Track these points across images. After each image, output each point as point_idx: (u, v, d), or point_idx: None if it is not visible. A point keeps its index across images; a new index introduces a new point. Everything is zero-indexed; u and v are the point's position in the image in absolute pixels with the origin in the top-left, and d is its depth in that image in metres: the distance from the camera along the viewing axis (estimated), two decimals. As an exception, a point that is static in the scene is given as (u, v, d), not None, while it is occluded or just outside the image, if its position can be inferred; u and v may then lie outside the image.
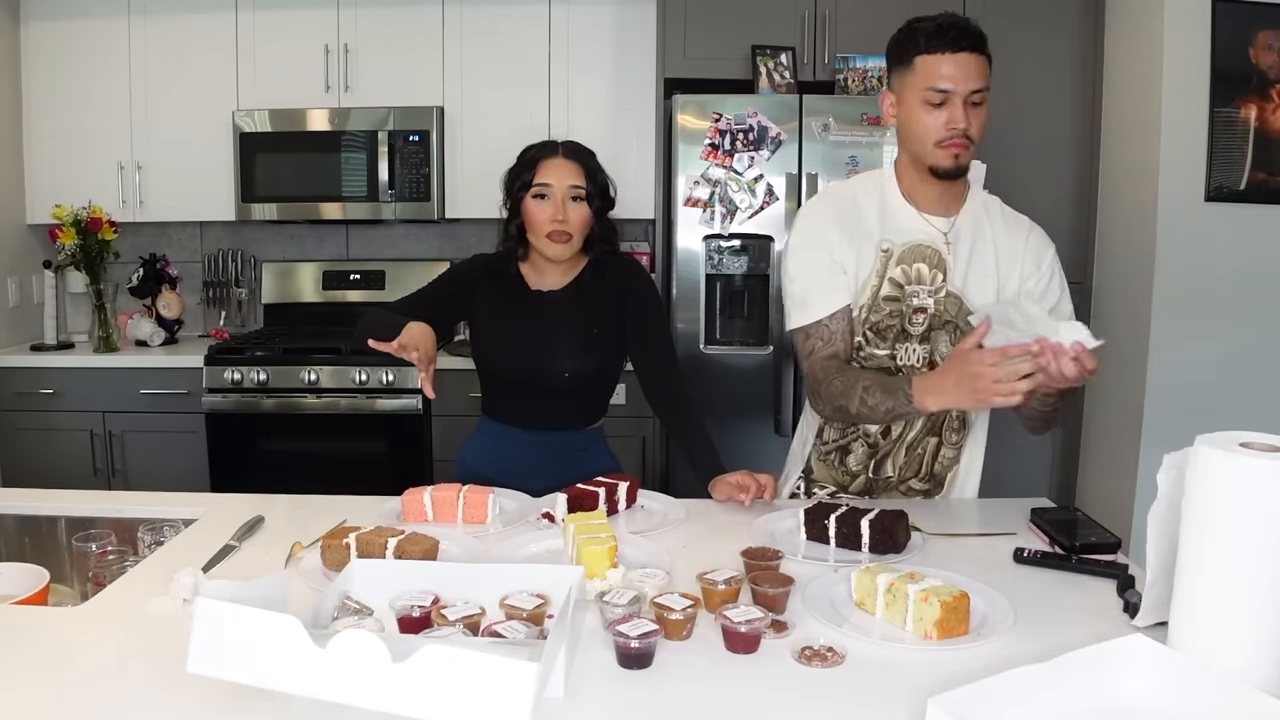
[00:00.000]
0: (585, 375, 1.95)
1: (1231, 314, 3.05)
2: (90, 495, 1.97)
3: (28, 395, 3.41)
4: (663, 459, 3.34)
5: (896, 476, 1.81)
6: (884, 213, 1.72)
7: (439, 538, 1.48)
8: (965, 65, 1.58)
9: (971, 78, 1.59)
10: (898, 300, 1.71)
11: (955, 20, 1.60)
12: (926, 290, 1.70)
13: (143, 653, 1.17)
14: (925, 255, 1.70)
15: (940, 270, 1.70)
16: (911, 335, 1.71)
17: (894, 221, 1.71)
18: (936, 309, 1.70)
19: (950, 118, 1.60)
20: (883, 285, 1.70)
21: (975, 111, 1.61)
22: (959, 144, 1.61)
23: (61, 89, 3.64)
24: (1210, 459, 1.04)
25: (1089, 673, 1.02)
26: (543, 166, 1.90)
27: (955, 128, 1.60)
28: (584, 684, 1.09)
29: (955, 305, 1.71)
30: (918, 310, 1.70)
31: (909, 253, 1.70)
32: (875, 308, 1.71)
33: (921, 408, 1.56)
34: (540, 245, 1.91)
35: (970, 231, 1.72)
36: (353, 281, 3.87)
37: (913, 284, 1.70)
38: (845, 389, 1.64)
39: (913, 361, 1.72)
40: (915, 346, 1.72)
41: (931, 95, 1.60)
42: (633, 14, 3.52)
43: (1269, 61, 2.97)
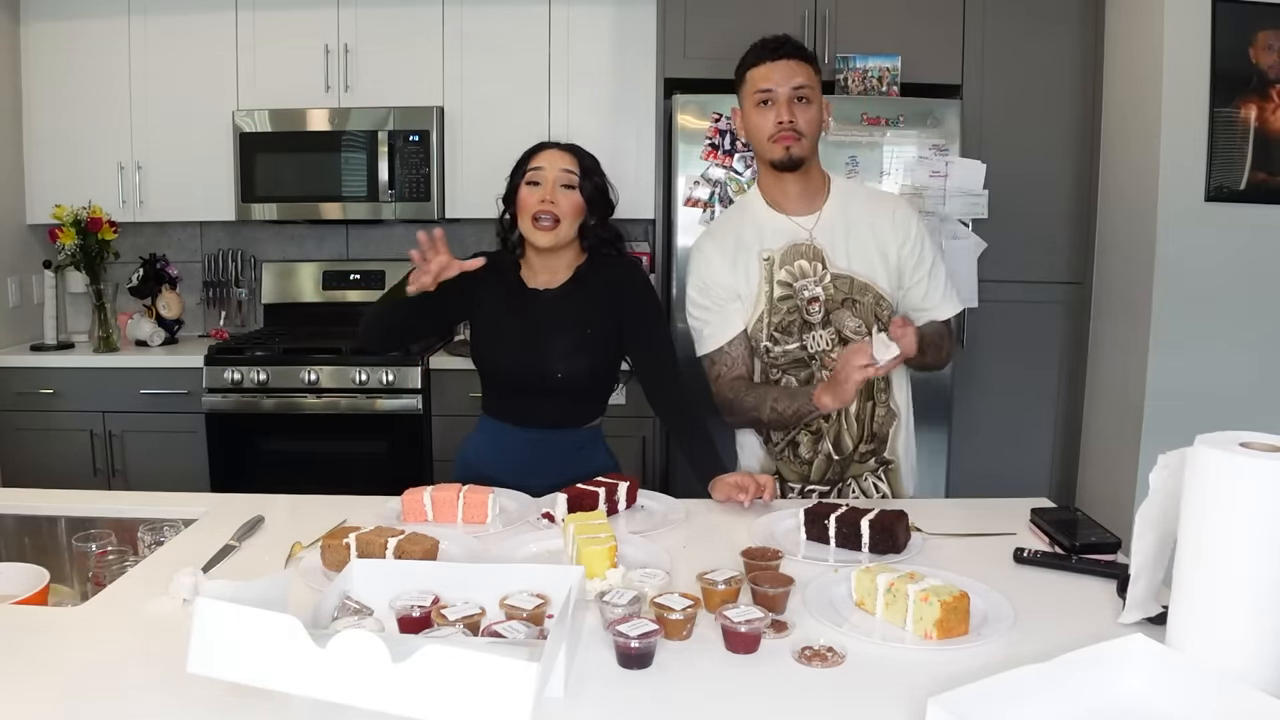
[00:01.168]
0: (579, 375, 1.95)
1: (1231, 314, 3.05)
2: (90, 495, 1.97)
3: (28, 395, 3.41)
4: (663, 459, 3.34)
5: (855, 451, 1.93)
6: (757, 226, 1.92)
7: (439, 538, 1.48)
8: (786, 69, 1.84)
9: (792, 78, 1.84)
10: (790, 297, 1.89)
11: (777, 36, 1.89)
12: (812, 281, 1.88)
13: (143, 653, 1.17)
14: (802, 252, 1.89)
15: (819, 260, 1.89)
16: (813, 324, 1.89)
17: (767, 230, 1.91)
18: (827, 294, 1.88)
19: (776, 114, 1.83)
20: (774, 289, 1.89)
21: (801, 108, 1.84)
22: (788, 136, 1.83)
23: (61, 89, 3.64)
24: (1209, 459, 1.04)
25: (1089, 673, 1.02)
26: (538, 156, 1.93)
27: (781, 121, 1.83)
28: (584, 684, 1.09)
29: (847, 284, 1.89)
30: (811, 300, 1.89)
31: (788, 254, 1.89)
32: (774, 309, 1.89)
33: (820, 405, 1.77)
34: (528, 232, 1.91)
35: (841, 217, 1.91)
36: (353, 281, 3.87)
37: (799, 280, 1.89)
38: (757, 403, 1.87)
39: (823, 346, 1.90)
40: (820, 332, 1.89)
41: (758, 97, 1.85)
42: (633, 14, 3.52)
43: (1269, 61, 2.97)
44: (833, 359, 1.85)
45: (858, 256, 1.89)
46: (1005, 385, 3.41)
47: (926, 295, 1.94)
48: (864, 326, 1.88)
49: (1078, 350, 3.45)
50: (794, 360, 1.90)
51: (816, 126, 1.87)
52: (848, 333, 1.88)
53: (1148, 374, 3.05)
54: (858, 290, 1.89)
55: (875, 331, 1.80)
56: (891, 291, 1.90)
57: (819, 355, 1.89)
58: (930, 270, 1.94)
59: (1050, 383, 3.46)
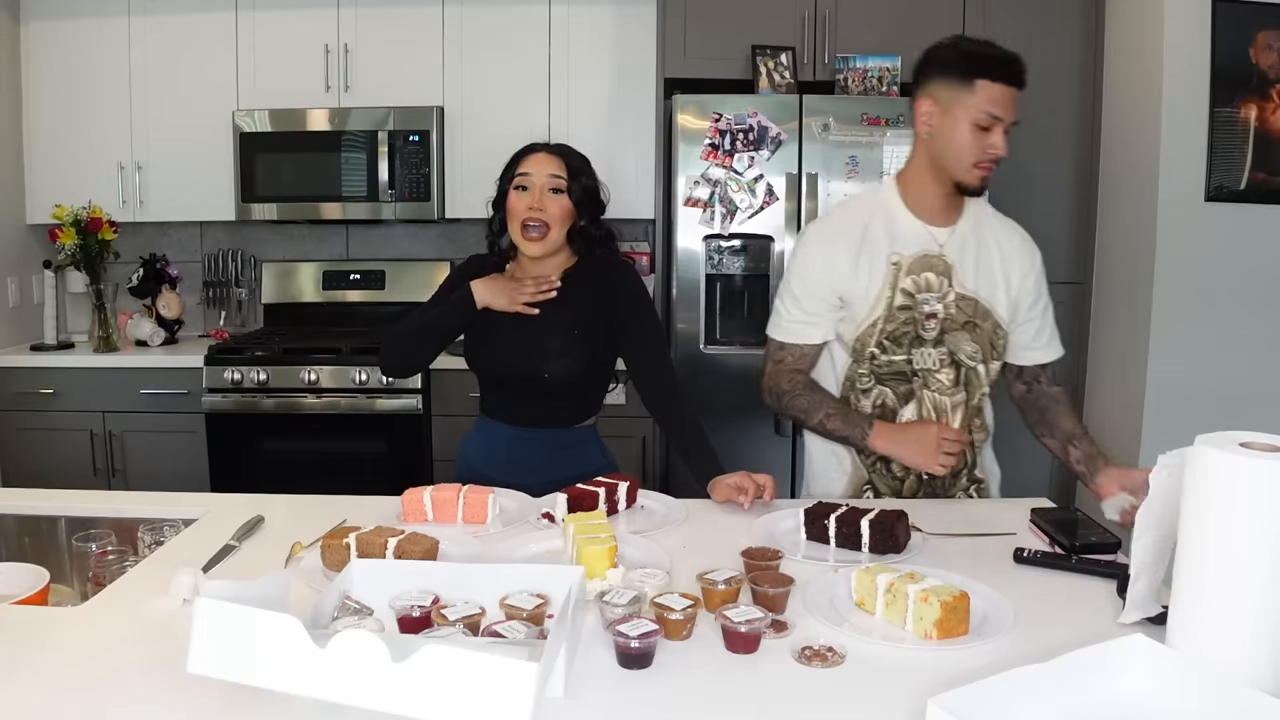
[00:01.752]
0: (567, 375, 1.94)
1: (1231, 314, 3.05)
2: (90, 495, 1.97)
3: (28, 395, 3.41)
4: (662, 459, 3.34)
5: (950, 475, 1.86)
6: (890, 227, 1.82)
7: (439, 538, 1.48)
8: (1014, 99, 1.71)
9: (1014, 111, 1.71)
10: (910, 309, 1.80)
11: (1016, 57, 1.72)
12: (935, 297, 1.80)
13: (143, 653, 1.17)
14: (932, 264, 1.80)
15: (946, 277, 1.80)
16: (925, 340, 1.81)
17: (900, 234, 1.81)
18: (947, 313, 1.80)
19: (992, 142, 1.70)
20: (895, 296, 1.80)
21: (1006, 141, 1.72)
22: (989, 167, 1.73)
23: (61, 89, 3.64)
24: (1210, 459, 1.04)
25: (1089, 673, 1.02)
26: (525, 160, 1.92)
27: (995, 152, 1.71)
28: (584, 684, 1.09)
29: (971, 306, 1.81)
30: (929, 316, 1.80)
31: (917, 263, 1.80)
32: (890, 318, 1.80)
33: (872, 446, 1.77)
34: (516, 239, 1.91)
35: (973, 236, 1.83)
36: (353, 281, 3.87)
37: (923, 292, 1.80)
38: (809, 408, 1.84)
39: (929, 364, 1.82)
40: (930, 350, 1.81)
41: (984, 119, 1.69)
42: (633, 14, 3.52)
43: (1269, 61, 2.97)
44: (938, 380, 1.81)
45: (984, 279, 1.82)
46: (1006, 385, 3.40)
47: (1037, 335, 1.89)
48: (979, 353, 1.81)
49: (1078, 350, 3.45)
50: (896, 372, 1.82)
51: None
52: (963, 357, 1.81)
53: (1148, 374, 3.05)
54: (980, 315, 1.81)
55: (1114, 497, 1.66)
56: (1010, 322, 1.84)
57: (923, 373, 1.82)
58: (1044, 309, 1.89)
59: (1050, 383, 3.46)
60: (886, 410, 1.84)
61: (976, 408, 1.87)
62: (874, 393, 1.85)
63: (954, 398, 1.83)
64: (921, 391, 1.83)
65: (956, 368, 1.82)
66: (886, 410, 1.84)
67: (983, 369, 1.84)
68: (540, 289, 1.90)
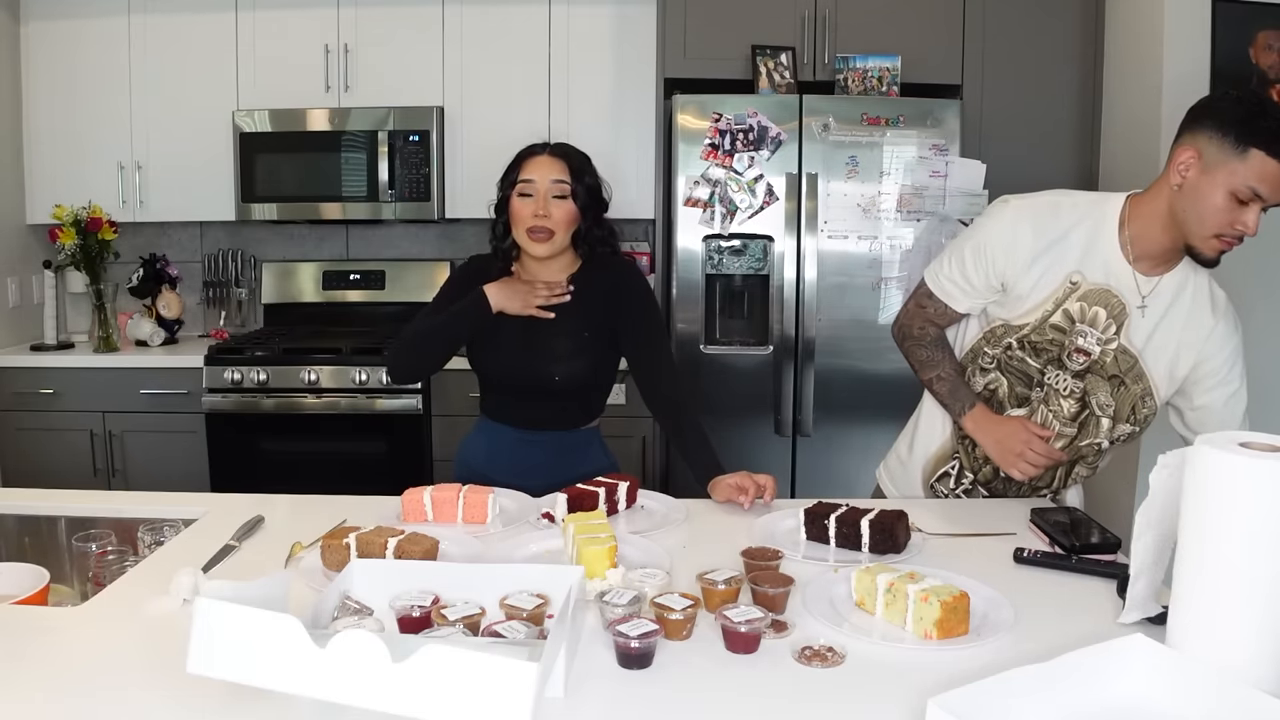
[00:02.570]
0: (577, 378, 1.94)
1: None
2: (90, 495, 1.97)
3: (28, 395, 3.41)
4: (663, 459, 3.34)
5: (1029, 484, 1.83)
6: (1092, 246, 1.68)
7: (439, 538, 1.48)
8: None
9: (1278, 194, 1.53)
10: (1063, 332, 1.70)
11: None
12: (1096, 336, 1.68)
13: (143, 653, 1.17)
14: (1109, 302, 1.68)
15: (1117, 322, 1.68)
16: (1066, 366, 1.72)
17: (1097, 258, 1.68)
18: (1101, 357, 1.69)
19: (1244, 220, 1.54)
20: (1056, 313, 1.70)
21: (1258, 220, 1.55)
22: (1232, 243, 1.58)
23: (61, 89, 3.64)
24: (1210, 459, 1.04)
25: (1089, 673, 1.02)
26: (528, 164, 1.90)
27: (1244, 230, 1.55)
28: (584, 684, 1.09)
29: (1129, 362, 1.69)
30: (1079, 350, 1.70)
31: (1094, 293, 1.68)
32: (1039, 330, 1.71)
33: (964, 425, 1.78)
34: (522, 243, 1.90)
35: (1170, 296, 1.68)
36: (353, 281, 3.87)
37: (1085, 324, 1.69)
38: (926, 361, 1.83)
39: (1060, 388, 1.73)
40: (1068, 378, 1.72)
41: (1245, 192, 1.52)
42: (633, 14, 3.52)
43: (1269, 61, 2.97)
44: (1059, 404, 1.72)
45: (1156, 344, 1.68)
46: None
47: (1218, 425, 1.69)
48: (1113, 409, 1.71)
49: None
50: (1023, 373, 1.75)
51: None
52: (1094, 403, 1.71)
53: (1148, 374, 3.05)
54: (1133, 375, 1.69)
55: None
56: (1165, 396, 1.72)
57: (1050, 390, 1.73)
58: (1229, 399, 1.73)
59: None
60: (996, 400, 1.79)
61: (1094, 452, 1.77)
62: (991, 376, 1.79)
63: (1065, 428, 1.74)
64: (1040, 406, 1.75)
65: (1082, 406, 1.73)
66: (996, 400, 1.79)
67: (1107, 423, 1.72)
68: (554, 293, 1.90)
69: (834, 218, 3.16)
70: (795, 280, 3.18)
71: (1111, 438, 1.75)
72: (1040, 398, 1.75)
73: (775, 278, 3.20)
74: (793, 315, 3.20)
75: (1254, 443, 1.05)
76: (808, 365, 3.21)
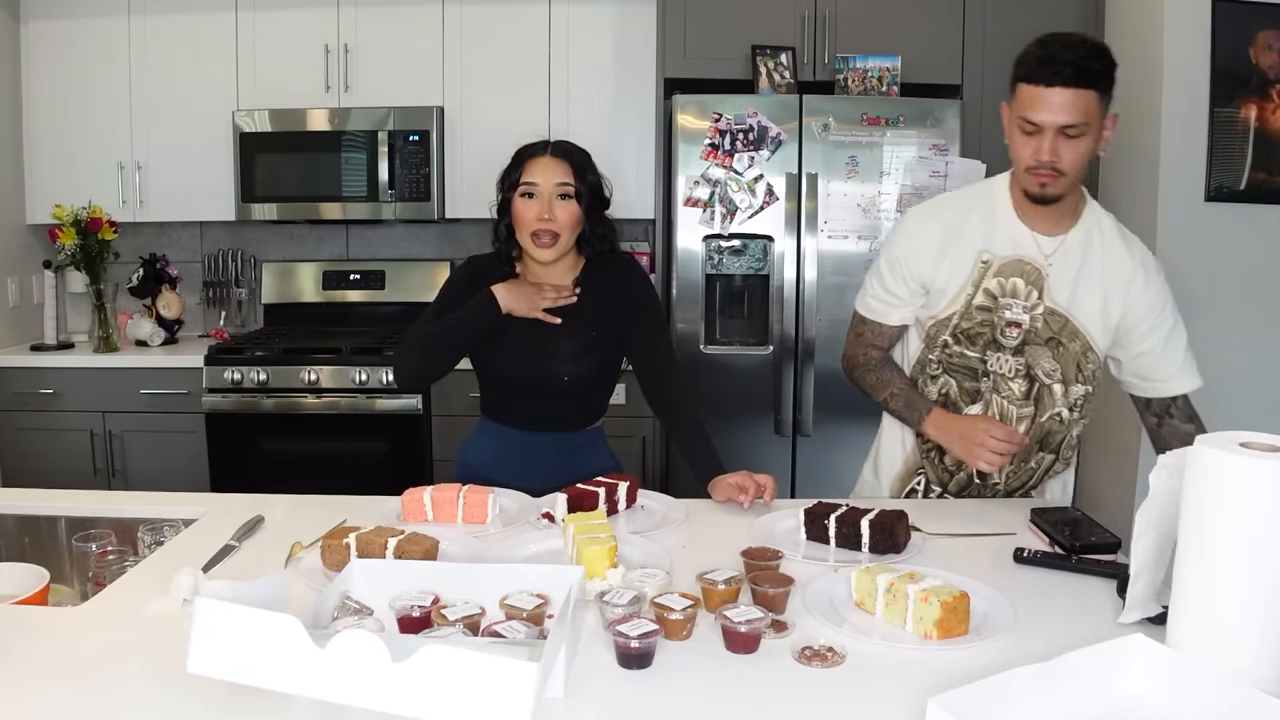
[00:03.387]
0: (584, 378, 1.94)
1: (1231, 314, 3.04)
2: (90, 495, 1.97)
3: (28, 395, 3.41)
4: (663, 459, 3.34)
5: (1003, 487, 1.85)
6: (991, 224, 1.74)
7: (439, 538, 1.48)
8: (1058, 101, 1.57)
9: (1062, 113, 1.57)
10: (989, 310, 1.75)
11: (1059, 54, 1.60)
12: (1021, 305, 1.72)
13: (143, 653, 1.17)
14: (1024, 271, 1.72)
15: (1037, 287, 1.72)
16: (1004, 346, 1.75)
17: (999, 234, 1.74)
18: (1032, 324, 1.73)
19: (1036, 149, 1.61)
20: (976, 294, 1.75)
21: (1069, 144, 1.59)
22: (1046, 175, 1.62)
23: (61, 89, 3.64)
24: (1210, 459, 1.04)
25: (1089, 673, 1.02)
26: (530, 165, 1.88)
27: (1039, 159, 1.61)
28: (584, 684, 1.09)
29: (1060, 323, 1.73)
30: (1011, 324, 1.73)
31: (1007, 266, 1.73)
32: (967, 315, 1.76)
33: (924, 430, 1.78)
34: (526, 246, 1.88)
35: (1081, 251, 1.72)
36: (353, 281, 3.87)
37: (1007, 296, 1.73)
38: (877, 384, 1.86)
39: (1004, 370, 1.76)
40: (1008, 358, 1.75)
41: (1026, 125, 1.62)
42: (633, 14, 3.52)
43: (1269, 61, 2.97)
44: (1009, 388, 1.76)
45: (1081, 300, 1.71)
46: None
47: (1157, 365, 1.76)
48: (1059, 372, 1.74)
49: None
50: (966, 367, 1.78)
51: (1084, 160, 1.63)
52: (1039, 373, 1.74)
53: (1148, 374, 3.05)
54: (1067, 334, 1.72)
55: None
56: (1104, 348, 1.75)
57: (996, 376, 1.76)
58: (1166, 337, 1.74)
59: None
60: (950, 403, 1.81)
61: (1058, 424, 1.78)
62: (941, 381, 1.82)
63: (1021, 409, 1.77)
64: (991, 395, 1.78)
65: (1030, 381, 1.75)
66: (950, 403, 1.81)
67: (1059, 389, 1.75)
68: (561, 295, 1.89)
69: (834, 218, 3.17)
70: (795, 280, 3.18)
71: (1069, 403, 1.77)
72: (990, 387, 1.78)
73: (775, 278, 3.20)
74: (793, 315, 3.20)
75: (1254, 443, 1.05)
76: (808, 365, 3.21)
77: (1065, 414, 1.78)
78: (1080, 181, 1.68)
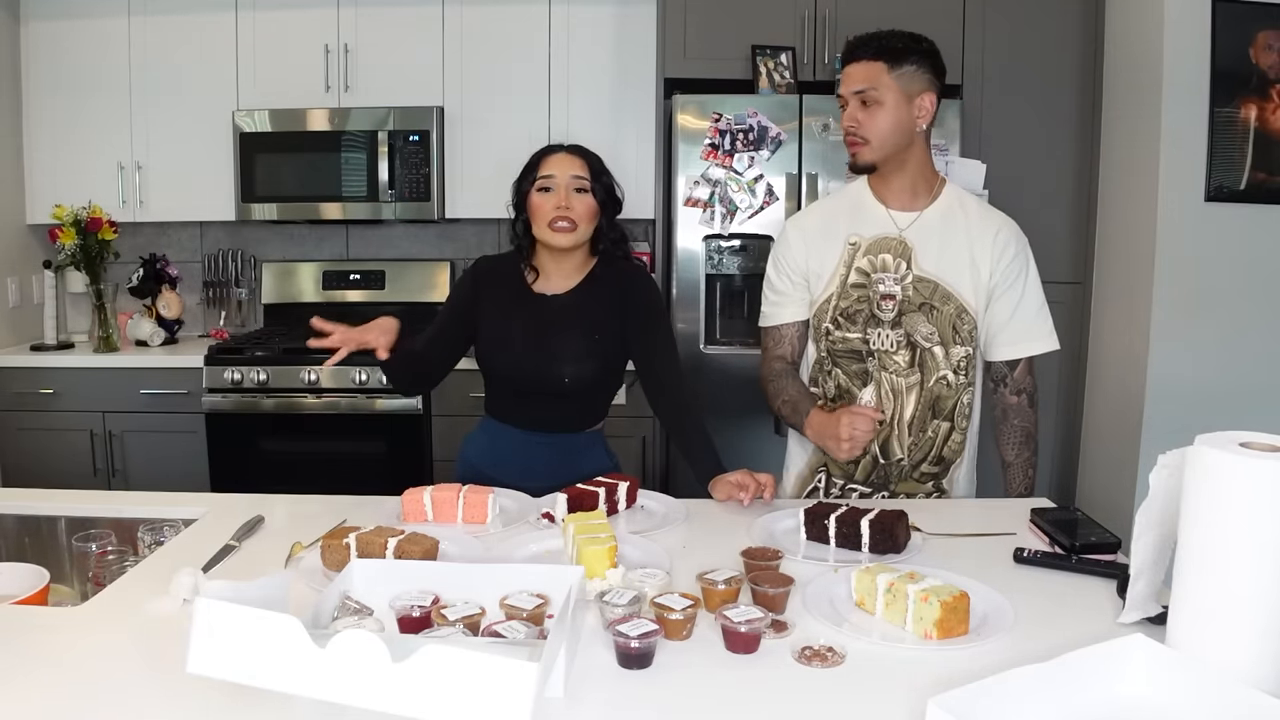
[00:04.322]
0: (586, 379, 1.95)
1: (1231, 314, 3.05)
2: (90, 495, 1.97)
3: (28, 395, 3.41)
4: (663, 459, 3.34)
5: (908, 460, 1.89)
6: (857, 212, 1.90)
7: (439, 538, 1.48)
8: (851, 73, 1.83)
9: (852, 82, 1.82)
10: (864, 287, 1.87)
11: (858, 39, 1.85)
12: (892, 278, 1.85)
13: (143, 653, 1.17)
14: (890, 246, 1.87)
15: (905, 259, 1.85)
16: (883, 321, 1.86)
17: (864, 219, 1.89)
18: (904, 294, 1.85)
19: (844, 118, 1.85)
20: (850, 274, 1.87)
21: (866, 112, 1.81)
22: (852, 141, 1.84)
23: (61, 89, 3.64)
24: (1210, 459, 1.04)
25: (1089, 673, 1.02)
26: (547, 161, 1.92)
27: (844, 126, 1.85)
28: (584, 684, 1.09)
29: (929, 288, 1.85)
30: (885, 297, 1.85)
31: (875, 244, 1.87)
32: (844, 294, 1.88)
33: (804, 432, 1.85)
34: (544, 236, 1.90)
35: (941, 222, 1.87)
36: (353, 281, 3.87)
37: (878, 272, 1.86)
38: (774, 394, 1.94)
39: (886, 346, 1.87)
40: (888, 332, 1.86)
41: (840, 100, 1.86)
42: (633, 14, 3.52)
43: (1269, 61, 2.97)
44: (894, 361, 1.85)
45: (948, 264, 1.84)
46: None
47: (1002, 329, 1.87)
48: (936, 335, 1.84)
49: (1078, 350, 3.45)
50: (852, 350, 1.88)
51: (887, 130, 1.80)
52: (919, 338, 1.84)
53: (1148, 374, 3.05)
54: (939, 297, 1.84)
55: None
56: (977, 307, 1.85)
57: (879, 354, 1.86)
58: (1016, 303, 1.86)
59: (1050, 383, 3.46)
60: (843, 392, 1.90)
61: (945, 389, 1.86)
62: (833, 374, 1.91)
63: (909, 379, 1.86)
64: (879, 373, 1.87)
65: (912, 349, 1.85)
66: (843, 392, 1.90)
67: (940, 350, 1.85)
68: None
69: (834, 218, 3.16)
70: (795, 280, 3.18)
71: (952, 365, 1.86)
72: (876, 365, 1.88)
73: (775, 278, 3.20)
74: (793, 315, 3.20)
75: (1254, 443, 1.05)
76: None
77: (951, 377, 1.86)
78: (893, 151, 1.82)
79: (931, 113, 1.83)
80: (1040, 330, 1.90)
